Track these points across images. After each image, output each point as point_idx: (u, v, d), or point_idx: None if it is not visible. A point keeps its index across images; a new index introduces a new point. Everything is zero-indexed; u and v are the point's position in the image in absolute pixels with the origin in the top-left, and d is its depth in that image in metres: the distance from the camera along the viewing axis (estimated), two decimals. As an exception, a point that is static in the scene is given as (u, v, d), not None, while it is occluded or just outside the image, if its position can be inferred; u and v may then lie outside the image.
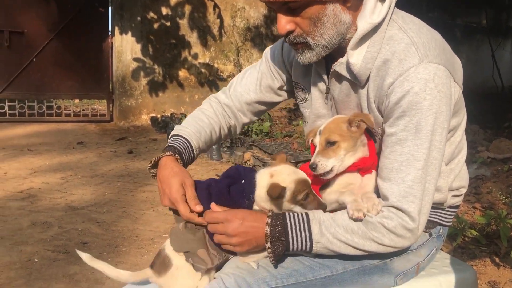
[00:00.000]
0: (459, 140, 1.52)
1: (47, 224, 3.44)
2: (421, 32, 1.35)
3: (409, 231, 1.28)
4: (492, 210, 3.39)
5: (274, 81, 1.72)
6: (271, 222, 1.29)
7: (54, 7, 8.03)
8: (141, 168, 5.31)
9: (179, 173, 1.41)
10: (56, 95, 8.46)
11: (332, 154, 1.34)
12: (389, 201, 1.29)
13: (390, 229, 1.28)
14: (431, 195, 1.31)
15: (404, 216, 1.27)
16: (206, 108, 1.74)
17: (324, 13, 1.30)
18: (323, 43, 1.35)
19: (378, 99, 1.35)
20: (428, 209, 1.32)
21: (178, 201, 1.36)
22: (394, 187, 1.29)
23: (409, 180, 1.27)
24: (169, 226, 3.48)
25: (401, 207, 1.27)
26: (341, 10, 1.32)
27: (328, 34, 1.33)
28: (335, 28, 1.33)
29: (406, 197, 1.27)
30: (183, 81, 8.85)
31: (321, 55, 1.38)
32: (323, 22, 1.31)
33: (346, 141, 1.35)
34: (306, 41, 1.35)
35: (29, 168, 5.09)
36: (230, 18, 9.07)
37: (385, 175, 1.32)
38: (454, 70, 1.36)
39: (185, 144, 1.55)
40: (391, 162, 1.30)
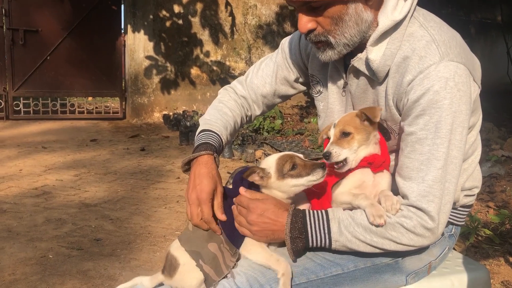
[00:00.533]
0: (474, 140, 1.51)
1: (61, 221, 3.49)
2: (442, 30, 1.34)
3: (429, 231, 1.28)
4: (506, 209, 3.36)
5: (290, 73, 1.72)
6: (291, 220, 1.32)
7: (68, 6, 8.12)
8: (153, 166, 5.35)
9: (215, 178, 1.42)
10: (69, 93, 8.56)
11: (346, 145, 1.35)
12: (409, 200, 1.29)
13: (409, 229, 1.28)
14: (451, 194, 1.31)
15: (424, 216, 1.27)
16: (227, 100, 1.73)
17: (346, 12, 1.30)
18: (345, 42, 1.35)
19: (397, 96, 1.35)
20: (449, 209, 1.31)
21: (205, 202, 1.37)
22: (414, 186, 1.29)
23: (429, 180, 1.27)
24: (181, 223, 3.51)
25: (421, 207, 1.27)
26: (363, 9, 1.31)
27: (350, 33, 1.33)
28: (357, 26, 1.32)
29: (426, 197, 1.27)
30: (195, 79, 8.89)
31: (342, 53, 1.38)
32: (345, 21, 1.31)
33: (360, 133, 1.36)
34: (327, 40, 1.35)
35: (43, 165, 5.15)
36: (242, 15, 9.07)
37: (406, 174, 1.31)
38: (474, 69, 1.35)
39: (219, 141, 1.55)
40: (411, 161, 1.30)
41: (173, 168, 5.23)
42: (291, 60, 1.70)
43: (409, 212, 1.28)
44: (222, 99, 1.74)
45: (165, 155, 5.95)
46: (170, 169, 5.21)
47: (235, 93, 1.76)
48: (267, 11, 9.25)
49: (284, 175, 1.34)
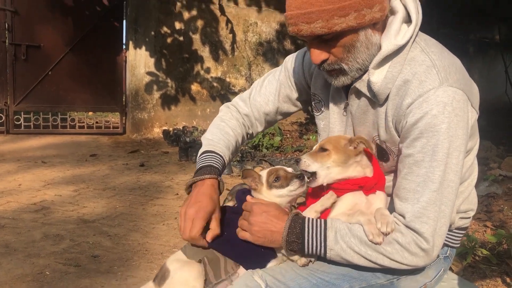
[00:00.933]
0: (470, 164, 1.53)
1: (59, 237, 3.49)
2: (442, 55, 1.38)
3: (423, 251, 1.30)
4: (504, 229, 3.37)
5: (293, 92, 1.76)
6: (289, 225, 1.37)
7: (70, 21, 8.21)
8: (152, 181, 5.36)
9: (216, 201, 1.47)
10: (70, 108, 8.61)
11: (320, 159, 1.40)
12: (404, 220, 1.32)
13: (403, 245, 1.30)
14: (447, 217, 1.33)
15: (418, 236, 1.30)
16: (229, 118, 1.77)
17: (357, 39, 1.34)
18: (357, 67, 1.39)
19: (396, 118, 1.38)
20: (445, 232, 1.33)
21: (201, 219, 1.42)
22: (409, 207, 1.31)
23: (423, 201, 1.30)
24: (179, 240, 3.51)
25: (414, 227, 1.29)
26: (372, 33, 1.35)
27: (362, 58, 1.37)
28: (368, 51, 1.36)
29: (419, 218, 1.29)
30: (195, 95, 8.94)
31: (355, 77, 1.42)
32: (357, 47, 1.35)
33: (338, 153, 1.40)
34: (340, 67, 1.39)
35: (42, 180, 5.16)
36: (242, 33, 9.17)
37: (402, 195, 1.34)
38: (472, 95, 1.38)
39: (222, 162, 1.61)
40: (408, 183, 1.33)
41: (172, 184, 5.24)
42: (294, 78, 1.73)
43: (405, 229, 1.31)
44: (224, 117, 1.78)
45: (164, 171, 5.96)
46: (169, 185, 5.22)
47: (238, 112, 1.80)
48: (268, 28, 9.36)
49: (271, 186, 1.47)
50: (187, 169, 6.07)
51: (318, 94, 1.65)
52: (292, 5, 1.31)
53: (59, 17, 8.12)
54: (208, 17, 8.82)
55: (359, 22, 1.29)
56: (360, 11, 1.27)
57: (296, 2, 1.30)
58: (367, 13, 1.29)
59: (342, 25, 1.28)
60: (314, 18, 1.27)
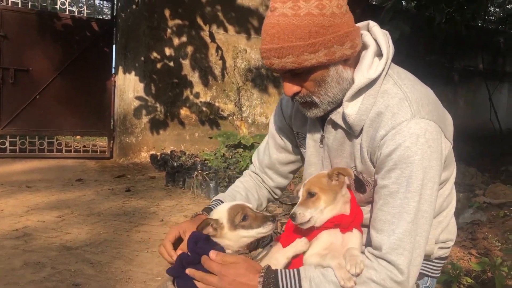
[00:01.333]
0: (448, 194, 1.55)
1: (40, 265, 3.42)
2: (415, 88, 1.41)
3: (398, 284, 1.30)
4: (488, 256, 3.37)
5: (283, 140, 1.81)
6: (263, 282, 1.33)
7: (60, 46, 8.25)
8: (137, 207, 5.31)
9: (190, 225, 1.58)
10: (57, 132, 8.56)
11: (312, 205, 1.40)
12: (380, 252, 1.32)
13: (378, 282, 1.30)
14: (422, 247, 1.34)
15: (393, 269, 1.30)
16: (243, 176, 1.92)
17: (327, 74, 1.37)
18: (329, 100, 1.42)
19: (371, 149, 1.40)
20: (420, 262, 1.34)
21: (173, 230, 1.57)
22: (385, 238, 1.32)
23: (399, 233, 1.30)
24: (163, 268, 3.46)
25: (390, 259, 1.30)
26: (343, 69, 1.39)
27: (333, 92, 1.40)
28: (339, 85, 1.40)
29: (396, 249, 1.30)
30: (184, 119, 8.96)
31: (327, 110, 1.45)
32: (327, 82, 1.38)
33: (326, 193, 1.41)
34: (312, 100, 1.42)
35: (26, 206, 5.09)
36: (232, 59, 9.28)
37: (378, 227, 1.35)
38: (445, 126, 1.41)
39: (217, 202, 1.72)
40: (384, 214, 1.34)
41: (157, 210, 5.19)
42: (278, 128, 1.80)
43: (379, 265, 1.31)
44: (240, 178, 1.92)
45: (150, 196, 5.92)
46: (154, 211, 5.17)
47: (250, 170, 1.92)
48: (257, 55, 9.48)
49: (236, 226, 1.39)
50: (173, 195, 6.03)
51: (300, 131, 1.69)
52: (265, 39, 1.35)
53: (48, 41, 8.16)
54: (198, 43, 8.92)
55: (329, 58, 1.32)
56: (330, 48, 1.31)
57: (269, 36, 1.33)
58: (337, 50, 1.32)
59: (312, 61, 1.31)
60: (285, 53, 1.31)
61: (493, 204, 4.35)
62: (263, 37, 1.36)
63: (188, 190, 6.20)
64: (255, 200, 1.82)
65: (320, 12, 1.29)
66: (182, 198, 5.88)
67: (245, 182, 1.86)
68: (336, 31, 1.31)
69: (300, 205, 1.41)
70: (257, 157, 1.89)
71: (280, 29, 1.30)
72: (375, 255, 1.33)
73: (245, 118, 9.46)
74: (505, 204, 4.28)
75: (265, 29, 1.35)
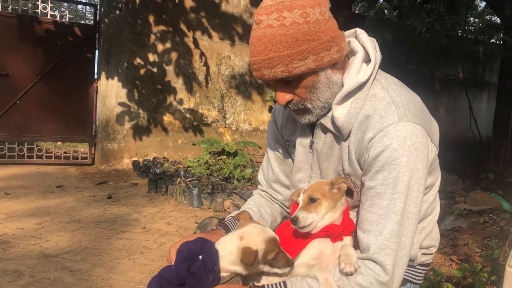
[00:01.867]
0: (432, 200, 1.57)
1: (18, 273, 3.35)
2: (402, 93, 1.44)
3: (383, 285, 1.31)
4: (468, 263, 3.41)
5: (281, 152, 1.80)
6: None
7: (41, 51, 8.13)
8: (119, 214, 5.24)
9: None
10: (38, 137, 8.41)
11: (313, 209, 1.41)
12: (368, 253, 1.33)
13: (366, 287, 1.30)
14: (407, 248, 1.35)
15: (380, 270, 1.31)
16: (254, 196, 1.91)
17: (317, 80, 1.40)
18: (321, 105, 1.44)
19: (359, 152, 1.42)
20: (405, 263, 1.36)
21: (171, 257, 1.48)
22: (372, 239, 1.33)
23: (386, 233, 1.32)
24: (145, 276, 3.41)
25: (378, 260, 1.31)
26: (332, 73, 1.41)
27: (324, 97, 1.43)
28: (329, 90, 1.42)
29: (383, 250, 1.32)
30: (167, 126, 8.91)
31: (320, 115, 1.47)
32: (318, 88, 1.41)
33: (327, 200, 1.43)
34: (305, 107, 1.45)
35: (4, 213, 4.98)
36: (216, 65, 9.27)
37: (365, 227, 1.37)
38: (432, 131, 1.44)
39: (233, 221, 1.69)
40: (371, 215, 1.36)
41: (139, 217, 5.13)
42: (274, 139, 1.81)
43: (366, 268, 1.33)
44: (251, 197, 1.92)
45: (132, 203, 5.85)
46: (136, 218, 5.11)
47: (258, 190, 1.92)
48: (240, 62, 9.49)
49: (265, 262, 1.33)
50: (156, 202, 5.97)
51: (290, 139, 1.70)
52: (254, 52, 1.37)
53: (30, 46, 8.04)
54: (181, 50, 8.89)
55: (317, 64, 1.35)
56: (318, 54, 1.34)
57: (257, 49, 1.36)
58: (325, 55, 1.35)
59: (301, 68, 1.34)
60: (275, 63, 1.34)
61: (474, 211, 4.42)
62: (251, 50, 1.38)
63: (171, 197, 6.15)
64: (268, 215, 1.81)
65: (304, 20, 1.32)
66: (164, 205, 5.82)
67: (256, 199, 1.86)
68: (322, 37, 1.34)
69: (302, 209, 1.42)
70: (262, 175, 1.89)
71: (267, 40, 1.33)
72: (362, 258, 1.35)
73: (229, 125, 9.44)
74: (485, 211, 4.35)
75: (252, 42, 1.37)
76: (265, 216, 1.79)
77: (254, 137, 9.57)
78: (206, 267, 1.31)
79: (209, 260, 1.32)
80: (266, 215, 1.80)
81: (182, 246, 1.39)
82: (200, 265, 1.31)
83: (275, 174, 1.82)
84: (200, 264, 1.32)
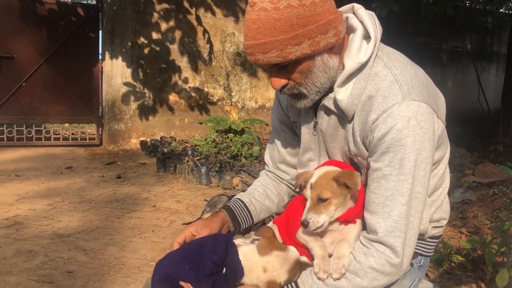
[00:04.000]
0: (442, 173, 1.56)
1: (32, 253, 3.40)
2: (405, 69, 1.40)
3: (394, 267, 1.32)
4: (478, 235, 3.42)
5: (287, 132, 1.78)
6: None
7: (44, 32, 8.09)
8: (129, 194, 5.28)
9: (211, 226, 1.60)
10: (45, 120, 8.44)
11: (323, 210, 1.36)
12: (377, 236, 1.33)
13: (378, 270, 1.32)
14: (416, 228, 1.35)
15: (390, 253, 1.32)
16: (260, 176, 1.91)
17: (313, 64, 1.36)
18: (316, 90, 1.41)
19: (363, 133, 1.40)
20: (414, 242, 1.36)
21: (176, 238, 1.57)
22: (381, 221, 1.33)
23: (395, 215, 1.32)
24: (156, 253, 3.46)
25: (388, 242, 1.32)
26: (328, 57, 1.37)
27: (320, 81, 1.39)
28: (325, 74, 1.38)
29: (393, 232, 1.31)
30: (173, 105, 8.90)
31: (315, 99, 1.44)
32: (314, 72, 1.37)
33: (337, 197, 1.37)
34: (300, 92, 1.41)
35: (16, 194, 5.04)
36: (220, 43, 9.19)
37: (372, 209, 1.36)
38: (437, 106, 1.41)
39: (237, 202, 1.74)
40: (377, 197, 1.35)
41: (149, 196, 5.18)
42: (279, 120, 1.79)
43: (376, 251, 1.33)
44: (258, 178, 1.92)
45: (141, 182, 5.89)
46: (146, 197, 5.16)
47: (265, 171, 1.90)
48: (245, 38, 9.40)
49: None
50: (165, 181, 6.02)
51: (297, 120, 1.68)
52: (248, 36, 1.33)
53: (33, 27, 8.00)
54: (185, 28, 8.81)
55: (313, 49, 1.31)
56: (314, 38, 1.30)
57: (251, 32, 1.32)
58: (321, 40, 1.31)
59: (296, 53, 1.30)
60: (269, 48, 1.30)
61: (483, 183, 4.40)
62: (245, 33, 1.34)
63: (180, 176, 6.19)
64: (275, 195, 1.81)
65: (300, 3, 1.27)
66: (173, 184, 5.86)
67: (263, 180, 1.85)
68: (318, 21, 1.29)
69: (311, 210, 1.36)
70: (269, 156, 1.88)
71: (261, 24, 1.29)
72: (371, 240, 1.35)
73: (235, 103, 9.41)
74: (494, 183, 4.33)
75: (246, 25, 1.33)
76: (271, 197, 1.80)
77: (260, 115, 9.55)
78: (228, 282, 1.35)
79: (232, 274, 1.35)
80: (272, 196, 1.80)
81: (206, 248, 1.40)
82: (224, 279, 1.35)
83: (280, 154, 1.80)
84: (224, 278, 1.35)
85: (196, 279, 1.34)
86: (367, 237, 1.36)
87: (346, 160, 1.52)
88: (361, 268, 1.32)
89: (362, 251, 1.35)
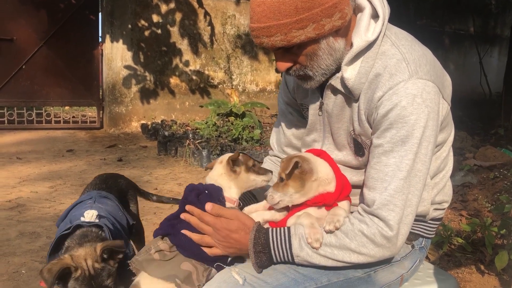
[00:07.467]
0: (445, 156, 1.55)
1: (35, 234, 3.43)
2: (413, 48, 1.39)
3: (388, 240, 1.31)
4: (478, 217, 3.44)
5: (293, 114, 1.78)
6: (254, 236, 1.37)
7: (44, 14, 8.02)
8: (130, 176, 5.24)
9: None
10: (46, 102, 8.42)
11: (281, 189, 1.41)
12: (371, 208, 1.33)
13: (368, 236, 1.31)
14: (414, 206, 1.34)
15: (384, 225, 1.31)
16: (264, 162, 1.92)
17: (318, 48, 1.35)
18: (322, 72, 1.41)
19: (368, 111, 1.39)
20: (411, 221, 1.35)
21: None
22: (376, 195, 1.33)
23: (391, 189, 1.31)
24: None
25: (381, 215, 1.31)
26: (334, 40, 1.36)
27: (325, 64, 1.39)
28: (331, 57, 1.38)
29: (386, 205, 1.31)
30: (174, 88, 8.87)
31: (321, 81, 1.44)
32: (319, 55, 1.36)
33: (295, 181, 1.40)
34: (305, 74, 1.41)
35: (17, 177, 5.06)
36: (221, 25, 9.11)
37: (370, 185, 1.36)
38: (444, 87, 1.40)
39: None
40: (377, 172, 1.34)
41: (150, 179, 5.19)
42: (286, 103, 1.78)
43: (370, 221, 1.33)
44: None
45: (142, 165, 5.91)
46: (147, 180, 5.17)
47: (269, 156, 1.93)
48: (246, 21, 9.31)
49: (249, 169, 1.57)
50: (166, 164, 6.03)
51: (304, 102, 1.67)
52: (253, 18, 1.32)
53: (32, 10, 7.92)
54: (185, 10, 8.73)
55: (318, 33, 1.30)
56: (319, 22, 1.28)
57: (256, 15, 1.31)
58: (326, 23, 1.30)
59: (301, 37, 1.29)
60: (273, 32, 1.29)
61: (484, 166, 4.41)
62: (250, 15, 1.33)
63: (181, 159, 6.20)
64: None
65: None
66: (175, 166, 5.88)
67: (266, 166, 1.85)
68: (323, 4, 1.27)
69: (273, 187, 1.43)
70: (275, 139, 1.87)
71: (266, 7, 1.28)
72: (366, 211, 1.35)
73: (236, 86, 9.38)
74: (495, 166, 4.34)
75: (252, 7, 1.32)
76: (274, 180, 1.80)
77: (261, 98, 9.52)
78: (212, 196, 1.48)
79: (214, 192, 1.50)
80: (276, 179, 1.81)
81: (188, 185, 1.55)
82: (207, 195, 1.48)
83: (287, 137, 1.80)
84: (207, 195, 1.48)
85: (183, 198, 1.54)
86: (363, 207, 1.37)
87: (350, 140, 1.51)
88: (352, 230, 1.33)
89: (357, 217, 1.36)
